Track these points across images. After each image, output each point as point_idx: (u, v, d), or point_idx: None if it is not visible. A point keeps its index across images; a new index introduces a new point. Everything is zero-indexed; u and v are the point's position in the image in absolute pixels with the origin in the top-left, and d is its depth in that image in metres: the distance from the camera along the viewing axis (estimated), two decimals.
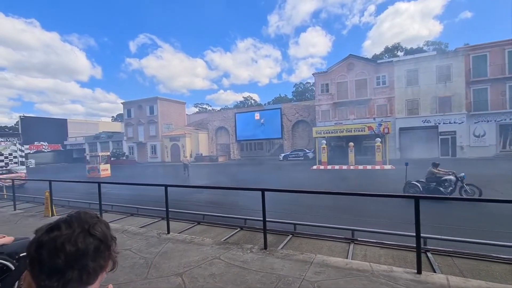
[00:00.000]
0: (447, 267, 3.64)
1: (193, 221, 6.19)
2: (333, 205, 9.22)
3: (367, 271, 3.03)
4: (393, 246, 4.30)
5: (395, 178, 15.66)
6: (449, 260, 3.81)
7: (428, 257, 3.84)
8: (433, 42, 51.83)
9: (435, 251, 4.06)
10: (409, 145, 26.63)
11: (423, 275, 2.89)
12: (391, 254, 4.11)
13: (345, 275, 2.98)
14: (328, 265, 3.25)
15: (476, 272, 3.46)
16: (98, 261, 0.70)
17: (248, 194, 10.26)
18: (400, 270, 3.04)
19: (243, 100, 73.82)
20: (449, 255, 3.93)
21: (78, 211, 0.78)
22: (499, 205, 6.81)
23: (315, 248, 4.50)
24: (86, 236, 0.69)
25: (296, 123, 34.87)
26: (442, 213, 7.30)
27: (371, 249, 4.34)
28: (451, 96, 25.12)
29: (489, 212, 7.04)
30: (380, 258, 4.03)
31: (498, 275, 3.37)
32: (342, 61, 29.40)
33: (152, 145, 41.53)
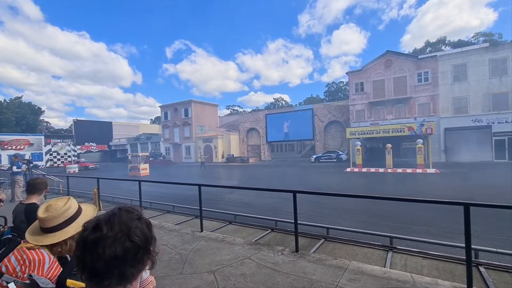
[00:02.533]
0: (504, 284, 3.23)
1: (225, 221, 6.32)
2: (369, 210, 8.76)
3: (408, 282, 2.81)
4: (438, 257, 3.94)
5: (439, 183, 14.40)
6: (506, 277, 3.38)
7: (481, 272, 3.44)
8: (483, 33, 46.72)
9: (489, 265, 3.63)
10: (457, 147, 24.31)
11: None
12: (436, 266, 3.77)
13: (383, 284, 2.80)
14: (364, 272, 3.09)
15: None
16: (137, 266, 0.71)
17: (280, 195, 10.21)
18: (447, 283, 2.77)
19: (273, 102, 73.86)
20: (507, 271, 3.48)
21: (120, 208, 0.79)
22: None
23: (349, 254, 4.30)
24: (125, 241, 0.69)
25: (328, 124, 33.89)
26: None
27: (412, 258, 4.02)
28: (507, 93, 22.41)
29: None
30: (423, 269, 3.71)
31: None
32: (379, 58, 27.90)
33: (186, 146, 43.40)
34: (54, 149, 44.18)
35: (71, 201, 1.31)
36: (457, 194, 11.04)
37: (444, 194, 11.42)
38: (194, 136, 42.24)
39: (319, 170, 22.67)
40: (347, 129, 25.68)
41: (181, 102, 44.20)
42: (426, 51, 46.54)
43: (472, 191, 11.77)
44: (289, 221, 5.17)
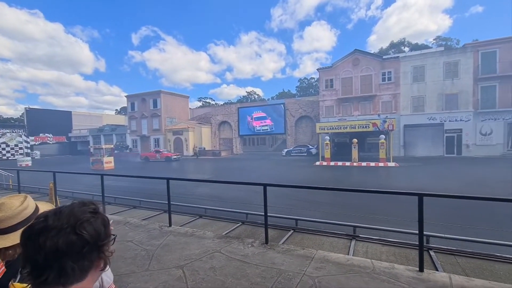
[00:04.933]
0: (450, 265, 3.60)
1: (195, 215, 6.21)
2: (336, 202, 9.19)
3: (368, 268, 3.01)
4: (395, 244, 4.27)
5: (398, 175, 15.56)
6: (452, 259, 3.77)
7: (431, 255, 3.80)
8: (443, 38, 50.77)
9: (438, 249, 4.02)
10: (414, 142, 26.42)
11: (425, 273, 2.86)
12: (393, 252, 4.08)
13: (346, 271, 2.96)
14: (329, 260, 3.24)
15: (480, 271, 3.42)
16: (81, 262, 0.65)
17: (251, 188, 10.28)
18: (401, 267, 3.01)
19: (246, 95, 73.61)
20: (452, 254, 3.89)
21: (74, 202, 0.73)
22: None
23: (316, 243, 4.49)
24: (70, 234, 0.63)
25: (299, 119, 34.72)
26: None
27: (372, 246, 4.31)
28: (458, 93, 24.74)
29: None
30: (382, 255, 4.00)
31: (502, 274, 3.33)
32: (347, 56, 29.03)
33: (155, 138, 41.70)
34: (2, 140, 39.70)
35: (28, 200, 1.17)
36: (413, 186, 12.03)
37: (402, 185, 12.37)
38: (164, 128, 40.70)
39: (290, 163, 23.22)
40: (317, 124, 26.51)
41: (150, 93, 42.15)
42: (390, 51, 49.40)
43: (426, 182, 12.91)
44: (260, 214, 5.24)
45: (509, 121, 23.42)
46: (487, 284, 2.61)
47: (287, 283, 2.74)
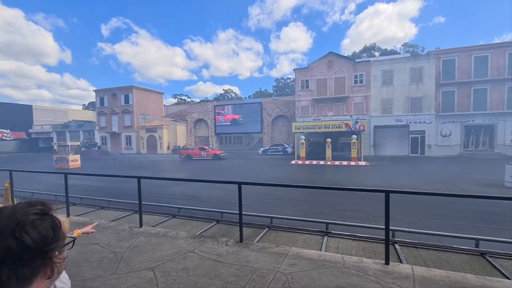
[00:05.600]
0: (413, 257, 3.85)
1: (168, 215, 6.03)
2: (310, 199, 9.43)
3: (339, 263, 3.11)
4: (364, 239, 4.47)
5: (369, 174, 16.34)
6: (414, 251, 4.04)
7: (396, 249, 4.03)
8: (410, 44, 54.07)
9: (403, 243, 4.27)
10: (383, 142, 27.89)
11: (391, 265, 3.02)
12: (362, 246, 4.27)
13: (318, 266, 3.04)
14: (302, 257, 3.30)
15: (438, 262, 3.69)
16: (20, 271, 0.58)
17: (226, 187, 10.21)
18: (369, 261, 3.16)
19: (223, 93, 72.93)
20: (415, 247, 4.16)
21: (19, 202, 0.66)
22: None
23: (290, 241, 4.57)
24: (8, 239, 0.57)
25: (276, 118, 35.10)
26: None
27: (343, 241, 4.48)
28: (422, 97, 26.52)
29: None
30: (352, 250, 4.17)
31: (457, 264, 3.62)
32: (322, 58, 29.86)
33: (127, 136, 39.88)
34: None
35: None
36: (382, 183, 12.70)
37: (372, 183, 12.99)
38: (136, 125, 39.05)
39: (266, 162, 23.42)
40: (293, 123, 26.99)
41: (121, 88, 40.15)
42: (363, 55, 51.66)
43: (393, 180, 13.69)
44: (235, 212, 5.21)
45: (465, 124, 25.60)
46: (444, 273, 2.82)
47: (260, 280, 2.75)
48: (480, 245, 4.09)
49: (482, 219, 6.86)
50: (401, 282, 2.66)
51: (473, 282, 2.63)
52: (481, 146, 25.79)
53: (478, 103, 25.08)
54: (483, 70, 24.85)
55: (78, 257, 3.42)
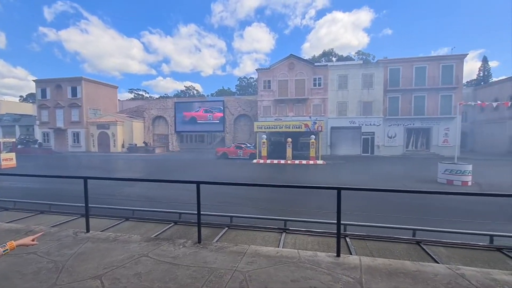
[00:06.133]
0: (361, 249, 4.17)
1: (120, 217, 5.63)
2: (269, 197, 9.63)
3: (295, 258, 3.23)
4: (319, 234, 4.72)
5: (325, 172, 17.29)
6: (363, 243, 4.38)
7: (347, 242, 4.33)
8: (362, 52, 58.54)
9: (353, 236, 4.61)
10: (338, 142, 29.75)
11: (341, 257, 3.23)
12: (317, 241, 4.50)
13: (275, 263, 3.12)
14: (260, 254, 3.35)
15: (382, 251, 4.06)
16: None
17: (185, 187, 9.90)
18: (323, 254, 3.34)
19: (184, 90, 70.60)
20: (363, 239, 4.51)
21: None
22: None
23: (250, 239, 4.61)
24: None
25: (238, 117, 35.12)
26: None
27: (300, 237, 4.66)
28: (372, 102, 28.93)
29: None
30: (308, 245, 4.37)
31: (398, 253, 4.03)
32: (284, 60, 30.71)
33: (74, 132, 36.20)
34: None
35: None
36: (337, 180, 13.55)
37: (328, 180, 13.78)
38: (86, 121, 35.67)
39: (228, 161, 23.30)
40: (255, 123, 27.25)
41: (68, 79, 36.26)
42: (322, 60, 54.44)
43: (346, 177, 14.70)
44: (193, 213, 5.07)
45: (407, 127, 28.65)
46: (387, 262, 3.11)
47: (218, 281, 2.72)
48: (417, 234, 4.61)
49: (417, 211, 7.74)
50: (349, 272, 2.86)
51: (410, 268, 2.95)
52: (420, 146, 29.12)
53: (418, 108, 28.26)
54: (422, 79, 28.06)
55: (8, 269, 3.00)
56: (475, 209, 8.00)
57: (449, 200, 8.77)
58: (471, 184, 12.03)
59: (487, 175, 14.39)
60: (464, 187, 11.89)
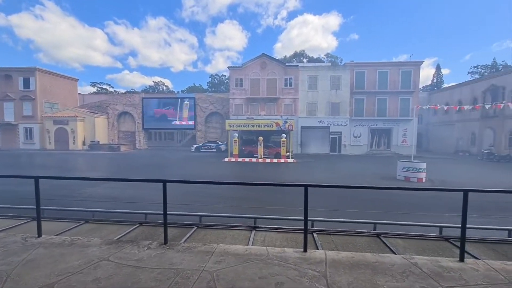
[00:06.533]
0: (327, 243, 4.34)
1: (79, 220, 5.23)
2: (240, 196, 9.62)
3: (263, 255, 3.26)
4: (288, 230, 4.82)
5: (295, 170, 17.73)
6: (328, 238, 4.56)
7: (314, 237, 4.48)
8: (331, 55, 60.90)
9: (320, 231, 4.78)
10: (308, 141, 30.69)
11: (308, 252, 3.33)
12: (286, 237, 4.59)
13: (244, 261, 3.11)
14: (229, 253, 3.33)
15: (346, 245, 4.27)
16: None
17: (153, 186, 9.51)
18: (290, 250, 3.41)
19: (153, 85, 67.57)
20: (329, 234, 4.70)
21: None
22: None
23: (219, 238, 4.56)
24: None
25: (210, 115, 34.59)
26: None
27: (269, 234, 4.72)
28: (339, 103, 30.27)
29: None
30: (277, 241, 4.44)
31: (360, 246, 4.26)
32: (256, 59, 30.85)
33: (26, 127, 32.88)
34: None
35: None
36: (306, 178, 13.97)
37: (298, 178, 14.15)
38: (40, 116, 32.57)
39: (199, 159, 22.85)
40: (226, 121, 27.07)
41: (19, 68, 32.75)
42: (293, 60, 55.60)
43: (315, 175, 15.21)
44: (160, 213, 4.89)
45: (371, 127, 30.45)
46: (350, 254, 3.27)
47: (184, 282, 2.64)
48: (377, 228, 4.92)
49: (379, 206, 8.27)
50: (315, 267, 2.95)
51: (370, 260, 3.14)
52: (382, 146, 31.13)
53: (380, 110, 30.16)
54: (384, 83, 29.98)
55: None
56: (428, 203, 8.76)
57: (406, 195, 9.50)
58: (425, 180, 13.15)
59: (438, 172, 15.84)
60: (419, 183, 12.96)
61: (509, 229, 4.78)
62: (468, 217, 3.05)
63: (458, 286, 2.53)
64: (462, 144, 31.42)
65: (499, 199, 9.06)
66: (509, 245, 4.26)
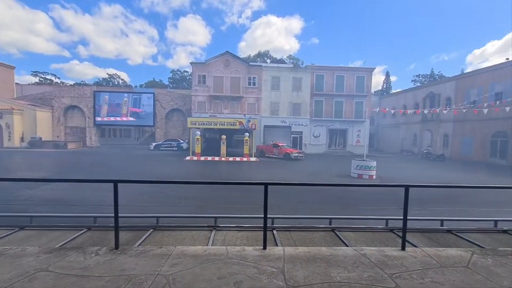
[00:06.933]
0: (286, 240, 4.46)
1: (12, 227, 4.59)
2: (201, 195, 9.41)
3: (223, 255, 3.22)
4: (248, 229, 4.83)
5: (257, 169, 17.93)
6: (288, 234, 4.69)
7: (274, 234, 4.56)
8: (293, 57, 62.87)
9: (279, 228, 4.88)
10: (271, 140, 31.26)
11: (267, 250, 3.38)
12: (246, 236, 4.60)
13: (202, 261, 3.04)
14: (187, 255, 3.22)
15: (304, 240, 4.43)
16: None
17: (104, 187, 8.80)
18: (250, 248, 3.42)
19: (107, 78, 62.48)
20: (288, 230, 4.83)
21: None
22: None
23: (177, 239, 4.39)
24: None
25: (170, 111, 33.22)
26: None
27: (230, 233, 4.69)
28: (301, 103, 31.45)
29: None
30: (237, 240, 4.43)
31: (317, 240, 4.46)
32: (219, 56, 30.46)
33: None
34: None
35: None
36: (267, 176, 14.21)
37: (260, 176, 14.33)
38: None
39: (159, 158, 21.79)
40: (188, 118, 26.23)
41: None
42: (257, 60, 56.12)
43: (276, 174, 15.57)
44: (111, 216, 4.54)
45: (329, 128, 32.23)
46: (306, 249, 3.40)
47: None
48: (332, 222, 5.20)
49: (335, 201, 8.78)
50: (274, 263, 3.01)
51: (325, 253, 3.30)
52: (339, 146, 33.15)
53: (338, 112, 32.07)
54: (341, 86, 31.94)
55: None
56: (378, 198, 9.56)
57: (359, 191, 10.24)
58: (375, 177, 14.34)
59: (386, 169, 17.41)
60: (370, 180, 14.08)
61: (441, 219, 5.44)
62: (410, 210, 3.39)
63: (400, 272, 2.79)
64: (406, 144, 34.99)
65: (435, 193, 10.28)
66: (442, 234, 4.85)
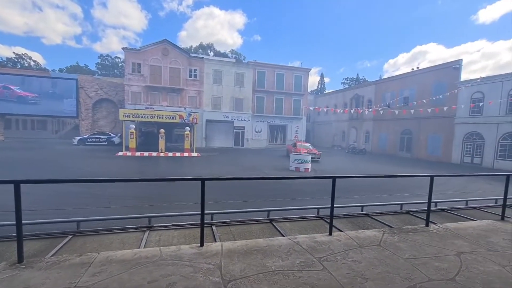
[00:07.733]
0: (225, 234, 4.44)
1: None
2: (132, 194, 8.67)
3: (156, 256, 3.00)
4: (186, 226, 4.65)
5: (199, 164, 17.46)
6: (227, 229, 4.68)
7: (213, 230, 4.49)
8: (236, 52, 62.86)
9: (218, 223, 4.84)
10: (212, 135, 30.83)
11: (205, 246, 3.30)
12: (184, 234, 4.41)
13: (131, 266, 2.78)
14: (113, 260, 2.89)
15: (243, 234, 4.49)
16: None
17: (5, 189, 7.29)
18: (186, 247, 3.28)
19: (14, 58, 51.65)
20: (227, 225, 4.82)
21: None
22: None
23: (102, 245, 3.92)
24: None
25: (99, 101, 29.53)
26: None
27: (166, 232, 4.42)
28: (243, 99, 31.76)
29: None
30: (173, 239, 4.21)
31: (255, 233, 4.57)
32: (157, 44, 28.33)
33: None
34: None
35: None
36: (208, 171, 13.97)
37: (200, 172, 13.98)
38: None
39: (84, 154, 19.17)
40: (120, 110, 23.69)
41: None
42: (200, 51, 54.20)
43: (217, 168, 15.44)
44: (13, 223, 3.79)
45: (270, 123, 33.50)
46: (244, 242, 3.44)
47: None
48: (270, 214, 5.41)
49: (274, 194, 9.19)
50: (211, 260, 2.95)
51: (262, 244, 3.40)
52: (279, 141, 34.79)
53: (278, 108, 33.55)
54: (281, 84, 33.44)
55: None
56: (313, 189, 10.38)
57: (297, 183, 10.94)
58: (310, 170, 15.55)
59: (319, 163, 19.07)
60: (306, 172, 15.20)
61: (361, 205, 6.22)
62: (337, 198, 3.75)
63: (327, 255, 3.07)
64: (336, 140, 38.96)
65: (358, 183, 11.72)
66: (362, 218, 5.54)
